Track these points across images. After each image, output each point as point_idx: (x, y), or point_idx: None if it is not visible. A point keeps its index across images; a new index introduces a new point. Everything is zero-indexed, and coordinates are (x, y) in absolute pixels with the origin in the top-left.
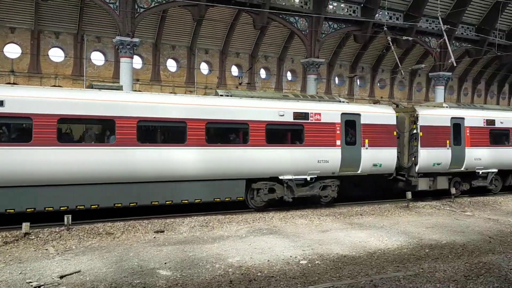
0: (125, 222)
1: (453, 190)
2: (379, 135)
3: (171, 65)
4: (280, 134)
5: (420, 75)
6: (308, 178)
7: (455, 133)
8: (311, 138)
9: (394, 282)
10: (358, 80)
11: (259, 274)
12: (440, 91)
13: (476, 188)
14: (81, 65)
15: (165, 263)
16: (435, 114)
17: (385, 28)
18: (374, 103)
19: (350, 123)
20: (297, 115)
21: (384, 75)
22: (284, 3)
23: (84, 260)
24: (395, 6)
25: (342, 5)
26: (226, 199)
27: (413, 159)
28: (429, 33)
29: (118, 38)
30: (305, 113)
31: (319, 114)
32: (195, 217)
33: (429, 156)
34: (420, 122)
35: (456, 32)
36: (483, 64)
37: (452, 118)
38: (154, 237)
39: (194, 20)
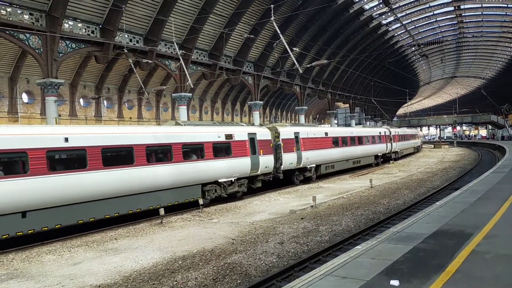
0: None
1: (200, 201)
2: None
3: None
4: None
5: (165, 95)
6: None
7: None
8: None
9: None
10: (105, 101)
11: None
12: (183, 110)
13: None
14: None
15: None
16: (287, 131)
17: (126, 50)
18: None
19: (252, 140)
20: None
21: (131, 96)
22: (10, 18)
23: None
24: (134, 30)
25: (79, 24)
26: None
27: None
28: (168, 56)
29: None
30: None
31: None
32: None
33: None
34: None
35: (192, 57)
36: (218, 86)
37: (294, 132)
38: None
39: None
